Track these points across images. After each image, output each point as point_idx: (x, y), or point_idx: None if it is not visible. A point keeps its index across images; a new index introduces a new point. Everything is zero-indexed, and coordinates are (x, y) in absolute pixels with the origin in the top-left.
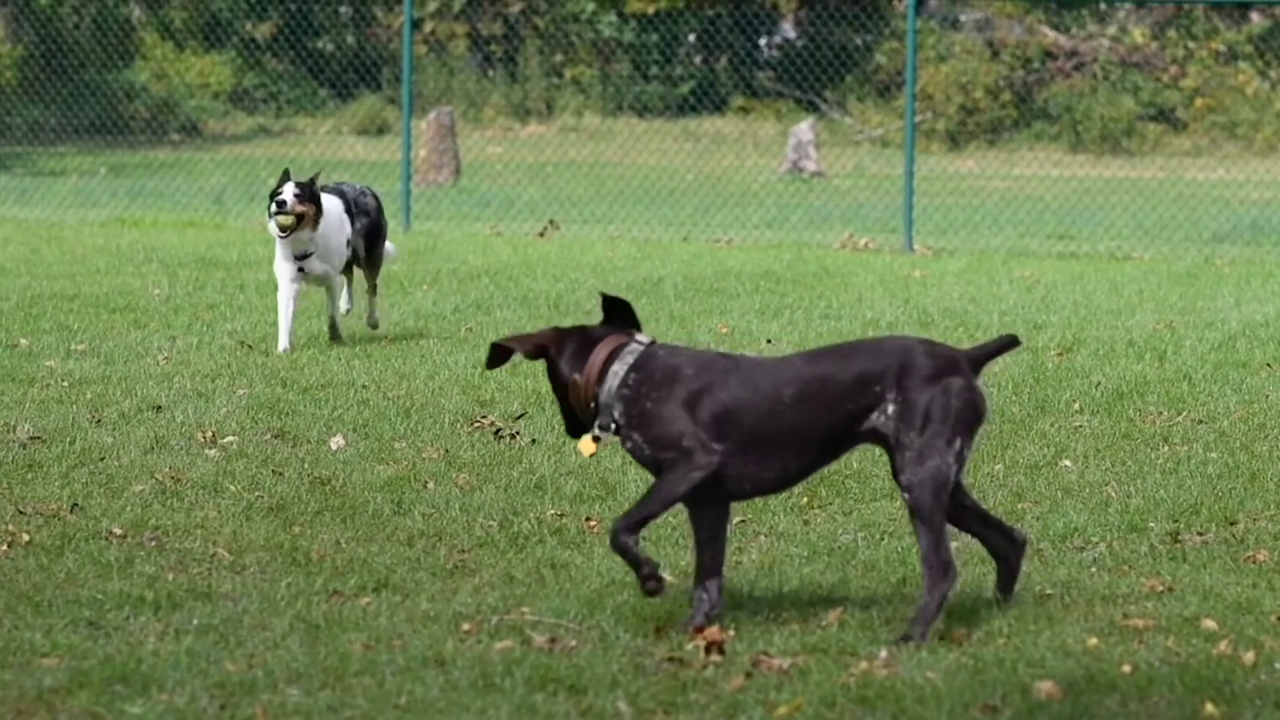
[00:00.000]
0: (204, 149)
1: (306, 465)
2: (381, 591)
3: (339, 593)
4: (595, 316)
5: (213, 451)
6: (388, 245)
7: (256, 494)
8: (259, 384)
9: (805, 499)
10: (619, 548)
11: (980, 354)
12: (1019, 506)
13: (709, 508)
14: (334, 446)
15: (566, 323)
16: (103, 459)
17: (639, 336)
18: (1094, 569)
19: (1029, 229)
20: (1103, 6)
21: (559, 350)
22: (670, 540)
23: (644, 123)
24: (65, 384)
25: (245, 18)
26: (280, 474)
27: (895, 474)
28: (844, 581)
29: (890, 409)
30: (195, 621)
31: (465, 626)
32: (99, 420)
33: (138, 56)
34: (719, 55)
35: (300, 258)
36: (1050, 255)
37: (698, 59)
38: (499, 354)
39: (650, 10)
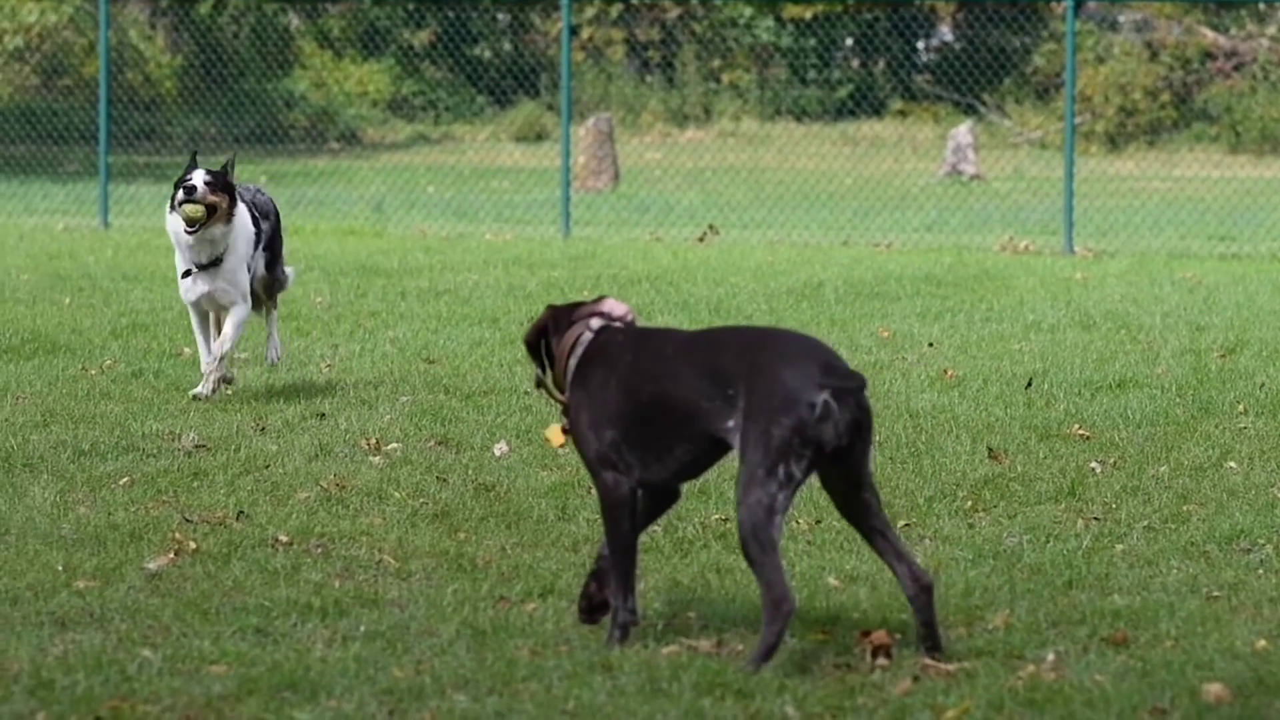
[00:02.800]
0: (363, 157)
1: (470, 472)
2: (547, 597)
3: (505, 598)
4: (756, 322)
5: (377, 458)
6: (287, 267)
7: (421, 500)
8: (422, 391)
9: (970, 503)
10: None
11: None
12: (1184, 509)
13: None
14: (497, 453)
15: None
16: (267, 467)
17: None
18: (1260, 571)
19: (1190, 230)
20: (1262, 6)
21: (553, 331)
22: (835, 545)
23: (802, 127)
24: (229, 392)
25: (403, 26)
26: (444, 480)
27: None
28: (1009, 585)
29: None
30: (362, 628)
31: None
32: (263, 428)
33: (296, 65)
34: (877, 59)
35: (209, 265)
36: (1211, 256)
37: (855, 63)
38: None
39: (807, 14)
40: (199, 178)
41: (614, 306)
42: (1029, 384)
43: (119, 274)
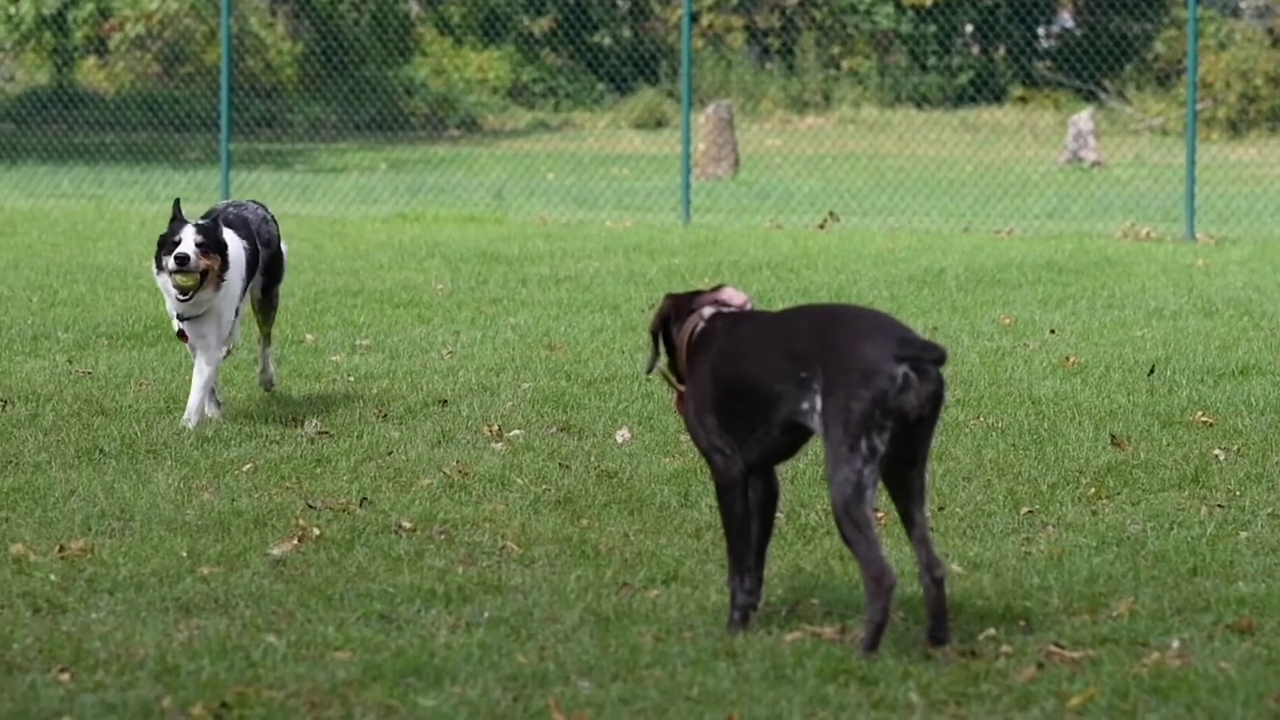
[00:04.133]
0: (483, 144)
1: (592, 458)
2: (671, 584)
3: (628, 585)
4: (877, 309)
5: (499, 445)
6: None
7: (544, 487)
8: (543, 378)
9: (1093, 489)
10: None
11: None
12: None
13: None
14: (619, 439)
15: None
16: (390, 453)
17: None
18: None
19: None
20: None
21: (674, 320)
22: (958, 532)
23: (922, 114)
24: (351, 379)
25: (523, 12)
26: (567, 467)
27: None
28: (1134, 571)
29: None
30: (486, 614)
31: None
32: (385, 415)
33: (416, 52)
34: (997, 45)
35: (187, 318)
36: None
37: (975, 49)
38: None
39: (927, 1)
40: (189, 242)
41: (732, 295)
42: (1151, 371)
43: None
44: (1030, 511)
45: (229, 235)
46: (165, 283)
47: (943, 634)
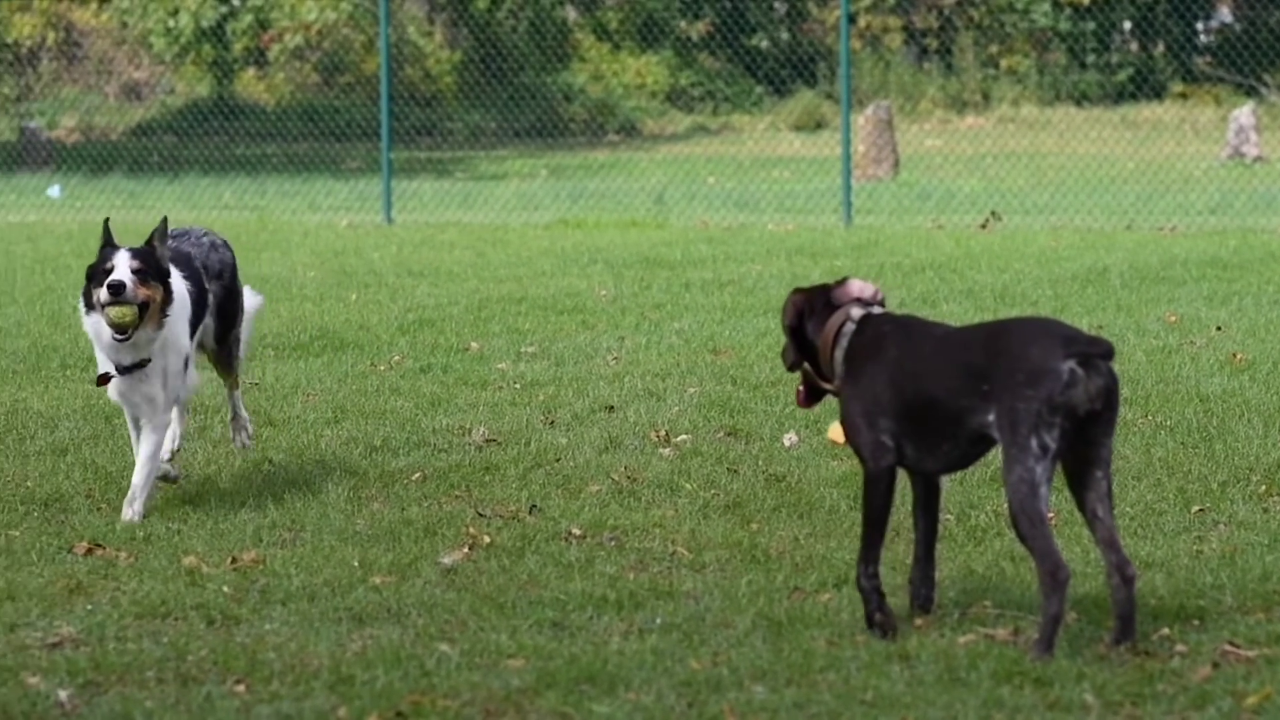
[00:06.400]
0: (642, 149)
1: (760, 462)
2: (842, 587)
3: (800, 589)
4: (1041, 308)
5: (667, 450)
6: (249, 296)
7: (712, 492)
8: (709, 382)
9: (1264, 487)
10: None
11: None
12: None
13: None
14: (787, 443)
15: (1012, 315)
16: (558, 460)
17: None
18: None
19: None
20: None
21: (809, 316)
22: (1129, 531)
23: (1082, 111)
24: (517, 386)
25: (680, 16)
26: (735, 471)
27: None
28: None
29: None
30: (658, 620)
31: (917, 622)
32: (552, 421)
33: (574, 58)
34: (1155, 41)
35: (129, 369)
36: None
37: (1134, 46)
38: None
39: None
40: (124, 268)
41: (861, 286)
42: None
43: (404, 270)
44: (1201, 510)
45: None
46: (96, 325)
47: (1129, 635)
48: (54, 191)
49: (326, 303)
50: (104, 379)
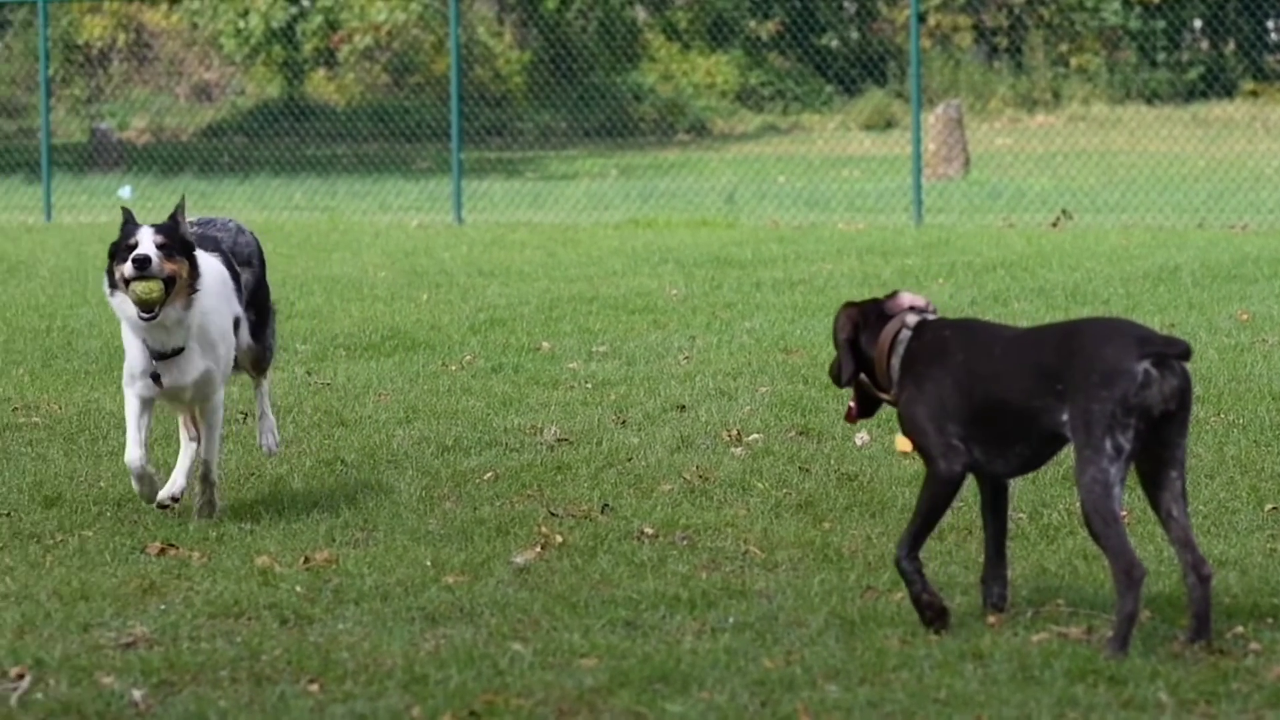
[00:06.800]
0: (712, 148)
1: (832, 461)
2: None
3: (872, 588)
4: (1113, 306)
5: (738, 450)
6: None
7: (784, 491)
8: (780, 381)
9: None
10: (899, 571)
11: None
12: None
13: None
14: (859, 442)
15: (1084, 313)
16: (630, 459)
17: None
18: None
19: None
20: None
21: (864, 328)
22: (1202, 530)
23: (1152, 110)
24: (589, 386)
25: (749, 16)
26: (807, 470)
27: None
28: None
29: None
30: (731, 619)
31: (990, 620)
32: (624, 421)
33: (644, 58)
34: (1226, 39)
35: (167, 355)
36: None
37: (1204, 44)
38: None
39: None
40: (148, 241)
41: (913, 298)
42: None
43: (474, 270)
44: (1275, 508)
45: (200, 254)
46: (121, 304)
47: (1204, 633)
48: (125, 192)
49: (397, 303)
50: (155, 379)
